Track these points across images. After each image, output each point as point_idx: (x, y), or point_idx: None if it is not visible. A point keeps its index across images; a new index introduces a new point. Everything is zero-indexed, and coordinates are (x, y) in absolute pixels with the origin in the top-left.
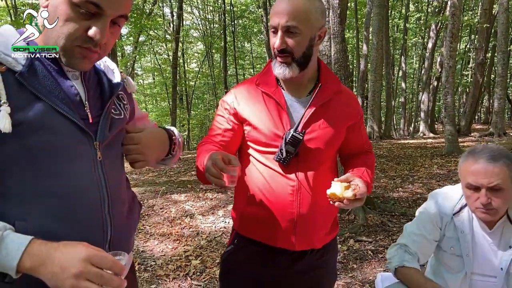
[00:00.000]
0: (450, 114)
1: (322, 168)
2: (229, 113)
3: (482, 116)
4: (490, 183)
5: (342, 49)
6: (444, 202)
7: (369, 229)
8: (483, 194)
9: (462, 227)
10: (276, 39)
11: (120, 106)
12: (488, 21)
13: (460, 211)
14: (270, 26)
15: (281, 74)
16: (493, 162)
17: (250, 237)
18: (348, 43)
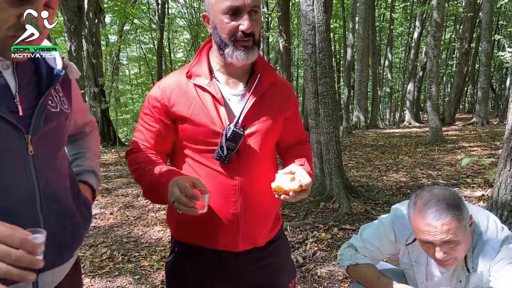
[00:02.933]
0: (434, 103)
1: (263, 163)
2: (159, 111)
3: (467, 106)
4: (443, 239)
5: (326, 38)
6: (399, 228)
7: (353, 217)
8: (439, 250)
9: (416, 257)
10: (244, 20)
11: (56, 99)
12: (473, 10)
13: (414, 242)
14: (226, 8)
15: (243, 60)
16: (442, 219)
17: (190, 242)
18: (335, 33)
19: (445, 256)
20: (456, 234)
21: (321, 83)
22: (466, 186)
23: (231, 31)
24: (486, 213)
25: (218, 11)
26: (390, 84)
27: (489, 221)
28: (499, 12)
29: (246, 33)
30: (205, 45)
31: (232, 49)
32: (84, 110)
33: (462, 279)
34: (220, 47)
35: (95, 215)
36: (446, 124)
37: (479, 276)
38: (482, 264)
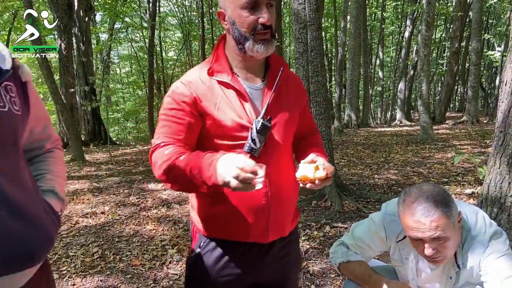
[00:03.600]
0: (425, 102)
1: (285, 154)
2: (189, 105)
3: (457, 104)
4: (432, 235)
5: (318, 37)
6: (390, 225)
7: (345, 215)
8: (428, 246)
9: (406, 254)
10: (264, 13)
11: (6, 98)
12: (463, 9)
13: (404, 239)
14: (245, 2)
15: (264, 52)
16: (430, 215)
17: (221, 237)
18: (327, 32)
19: (435, 253)
20: (444, 230)
21: (313, 82)
22: (457, 184)
23: (250, 24)
24: (475, 209)
25: (237, 6)
26: (382, 83)
27: (478, 217)
28: (488, 11)
29: (266, 26)
30: (220, 42)
31: (252, 42)
32: (45, 120)
33: (453, 275)
34: (239, 41)
35: (86, 214)
36: (436, 123)
37: (469, 272)
38: (472, 260)
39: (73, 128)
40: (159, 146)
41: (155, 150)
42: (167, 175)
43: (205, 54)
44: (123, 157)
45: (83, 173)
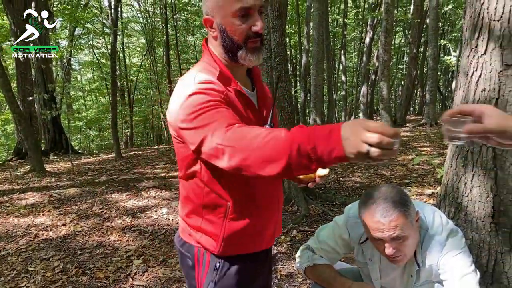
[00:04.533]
0: (386, 106)
1: None
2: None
3: (417, 107)
4: (391, 235)
5: (281, 43)
6: (353, 228)
7: (311, 219)
8: (388, 246)
9: (370, 255)
10: (256, 21)
11: None
12: (420, 16)
13: (367, 240)
14: (238, 10)
15: (257, 60)
16: (389, 215)
17: (236, 253)
18: (291, 38)
19: (395, 252)
20: (403, 229)
21: (277, 87)
22: (418, 185)
23: (243, 33)
24: (432, 208)
25: (228, 14)
26: (345, 87)
27: (435, 216)
28: (444, 18)
29: (258, 34)
30: (207, 49)
31: (245, 51)
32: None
33: (413, 273)
34: (231, 50)
35: (47, 227)
36: (398, 126)
37: (428, 270)
38: (431, 258)
39: (32, 137)
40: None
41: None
42: (262, 152)
43: (169, 60)
44: (85, 166)
45: (43, 184)
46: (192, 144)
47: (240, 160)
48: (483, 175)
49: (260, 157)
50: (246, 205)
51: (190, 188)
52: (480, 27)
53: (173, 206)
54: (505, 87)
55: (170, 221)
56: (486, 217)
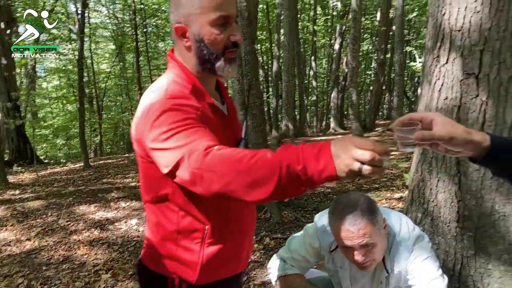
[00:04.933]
0: (355, 111)
1: None
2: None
3: (385, 112)
4: (360, 243)
5: (251, 51)
6: (323, 236)
7: (284, 226)
8: (357, 253)
9: (340, 263)
10: (234, 30)
11: None
12: (386, 24)
13: (337, 248)
14: (216, 19)
15: (234, 72)
16: (357, 224)
17: (212, 280)
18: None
19: (364, 259)
20: (371, 237)
21: (248, 95)
22: (387, 189)
23: (222, 43)
24: (398, 215)
25: (206, 22)
26: (316, 92)
27: (402, 222)
28: (409, 25)
29: (236, 44)
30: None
31: (223, 62)
32: None
33: (383, 280)
34: (208, 61)
35: (10, 242)
36: (367, 130)
37: (397, 276)
38: (399, 264)
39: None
40: (210, 149)
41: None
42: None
43: (139, 67)
44: (51, 177)
45: (5, 197)
46: (165, 167)
47: (222, 186)
48: (447, 181)
49: (246, 181)
50: (224, 228)
51: (161, 213)
52: (442, 37)
53: (143, 217)
54: (466, 95)
55: (140, 233)
56: (451, 222)
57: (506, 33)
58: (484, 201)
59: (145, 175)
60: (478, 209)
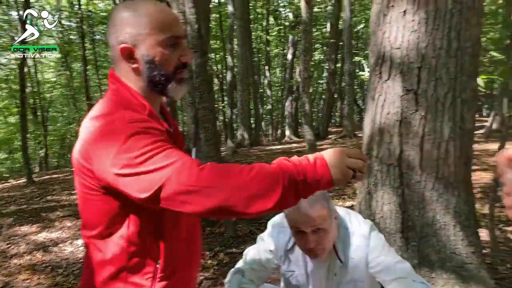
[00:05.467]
0: (308, 120)
1: None
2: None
3: (338, 120)
4: (313, 227)
5: (203, 63)
6: (278, 237)
7: (238, 239)
8: (309, 238)
9: (296, 262)
10: (185, 50)
11: None
12: (336, 35)
13: (293, 247)
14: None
15: (183, 93)
16: (312, 208)
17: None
18: (217, 54)
19: (316, 245)
20: (324, 222)
21: (200, 108)
22: (338, 197)
23: (172, 63)
24: (345, 210)
25: (155, 43)
26: (271, 101)
27: (351, 216)
28: (358, 36)
29: (186, 64)
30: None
31: (175, 83)
32: None
33: (337, 271)
34: (159, 83)
35: None
36: (321, 138)
37: (354, 267)
38: (357, 254)
39: None
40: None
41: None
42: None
43: (86, 76)
44: None
45: None
46: (142, 192)
47: (222, 201)
48: (392, 193)
49: (247, 194)
50: (175, 261)
51: (109, 249)
52: (383, 54)
53: None
54: (407, 110)
55: None
56: (396, 232)
57: (441, 51)
58: (426, 211)
59: (95, 209)
60: (420, 219)
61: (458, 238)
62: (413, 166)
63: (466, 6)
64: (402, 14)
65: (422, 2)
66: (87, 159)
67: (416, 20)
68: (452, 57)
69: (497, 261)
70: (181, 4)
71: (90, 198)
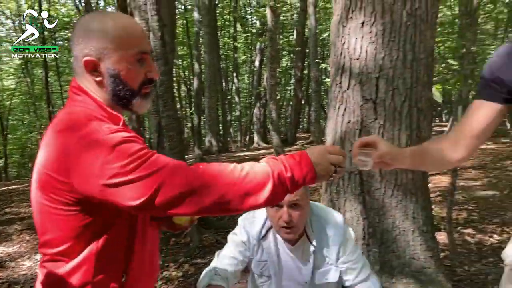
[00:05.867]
0: (275, 127)
1: None
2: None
3: (306, 125)
4: (291, 199)
5: (167, 71)
6: (251, 227)
7: (204, 249)
8: (285, 211)
9: (269, 250)
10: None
11: None
12: (302, 43)
13: (266, 235)
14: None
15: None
16: None
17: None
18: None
19: (290, 220)
20: (302, 199)
21: (164, 116)
22: None
23: (139, 79)
24: (315, 202)
25: (122, 58)
26: (239, 108)
27: (318, 205)
28: (323, 44)
29: (152, 80)
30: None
31: (140, 98)
32: None
33: (311, 258)
34: (124, 97)
35: None
36: (289, 144)
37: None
38: (332, 241)
39: None
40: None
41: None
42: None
43: (48, 82)
44: None
45: None
46: (136, 199)
47: (219, 198)
48: (353, 200)
49: (242, 190)
50: (140, 274)
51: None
52: (343, 64)
53: None
54: (366, 119)
55: None
56: (359, 239)
57: (397, 61)
58: (386, 218)
59: (62, 224)
60: (381, 225)
61: (417, 243)
62: (373, 174)
63: (420, 19)
64: (360, 25)
65: (379, 15)
66: (62, 172)
67: (373, 32)
68: (408, 68)
69: (456, 263)
70: (143, 12)
71: (57, 213)
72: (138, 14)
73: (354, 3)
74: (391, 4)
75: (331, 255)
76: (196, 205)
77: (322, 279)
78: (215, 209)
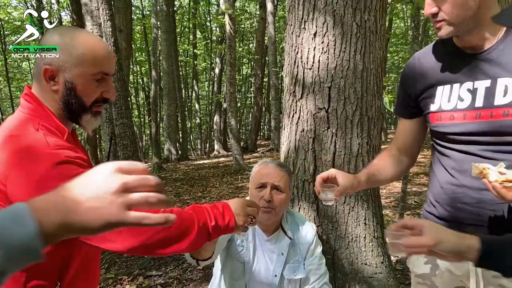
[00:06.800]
0: (235, 135)
1: None
2: None
3: (267, 133)
4: (275, 181)
5: (120, 79)
6: None
7: (160, 261)
8: (268, 191)
9: (246, 237)
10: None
11: None
12: (262, 52)
13: None
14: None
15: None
16: (279, 167)
17: None
18: (142, 66)
19: (271, 200)
20: (285, 185)
21: (117, 124)
22: None
23: (94, 96)
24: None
25: (83, 74)
26: (199, 115)
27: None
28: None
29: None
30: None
31: (90, 115)
32: None
33: (284, 251)
34: (75, 111)
35: None
36: (249, 152)
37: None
38: (305, 239)
39: None
40: None
41: None
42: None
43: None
44: None
45: None
46: None
47: (141, 242)
48: (307, 208)
49: (166, 237)
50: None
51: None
52: (296, 74)
53: None
54: (319, 128)
55: None
56: None
57: (348, 71)
58: (339, 224)
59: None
60: (334, 232)
61: (368, 249)
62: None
63: (369, 31)
64: (312, 36)
65: (330, 26)
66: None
67: (325, 42)
68: (358, 77)
69: (408, 267)
70: (96, 17)
71: None
72: (90, 19)
73: (306, 14)
74: (342, 15)
75: (302, 251)
76: (121, 245)
77: (291, 275)
78: (138, 251)
